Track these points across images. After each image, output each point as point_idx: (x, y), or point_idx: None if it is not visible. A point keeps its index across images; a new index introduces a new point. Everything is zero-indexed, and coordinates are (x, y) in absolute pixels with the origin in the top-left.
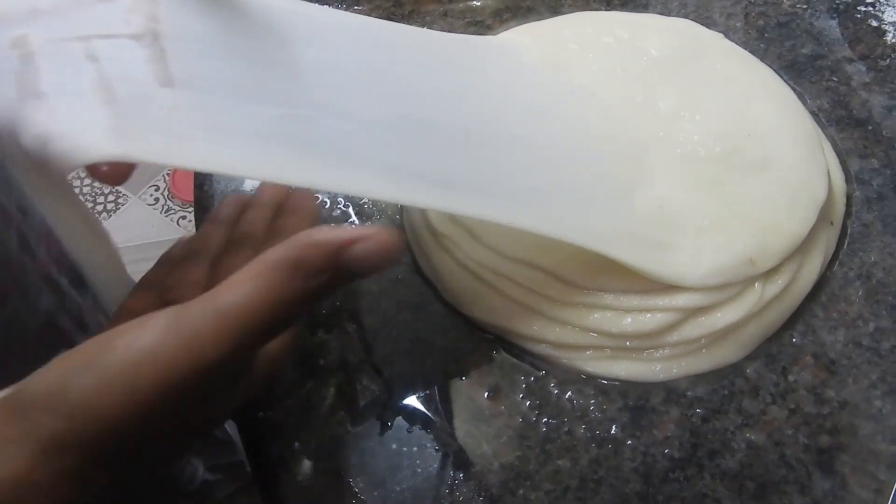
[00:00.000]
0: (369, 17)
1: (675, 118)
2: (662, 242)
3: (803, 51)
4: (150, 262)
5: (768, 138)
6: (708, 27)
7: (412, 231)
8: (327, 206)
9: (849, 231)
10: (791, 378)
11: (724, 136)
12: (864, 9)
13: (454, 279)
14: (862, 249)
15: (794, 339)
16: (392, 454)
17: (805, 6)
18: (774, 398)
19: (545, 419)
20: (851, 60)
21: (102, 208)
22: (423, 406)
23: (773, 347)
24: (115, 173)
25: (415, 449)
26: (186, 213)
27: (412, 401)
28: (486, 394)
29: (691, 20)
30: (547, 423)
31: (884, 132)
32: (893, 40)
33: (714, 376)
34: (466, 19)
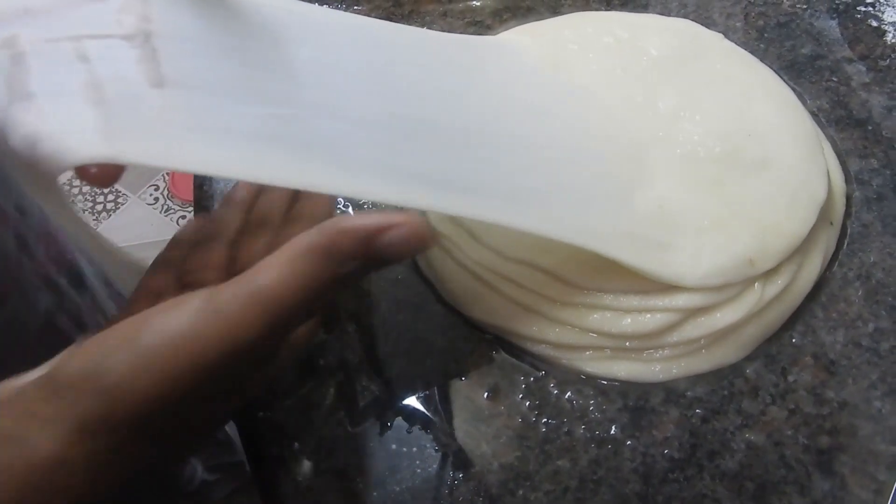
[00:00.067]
0: (367, 17)
1: (675, 118)
2: (662, 242)
3: (803, 51)
4: (149, 262)
5: (768, 138)
6: (708, 27)
7: None
8: None
9: (848, 231)
10: (791, 378)
11: (724, 136)
12: (863, 9)
13: (454, 279)
14: (861, 250)
15: (794, 340)
16: (392, 454)
17: (805, 6)
18: (774, 399)
19: (545, 419)
20: (851, 60)
21: (102, 208)
22: (422, 406)
23: (773, 348)
24: (104, 175)
25: (414, 449)
26: (186, 213)
27: (412, 401)
28: (485, 394)
29: (691, 20)
30: (546, 424)
31: (883, 132)
32: (893, 40)
33: (714, 377)
34: (466, 19)
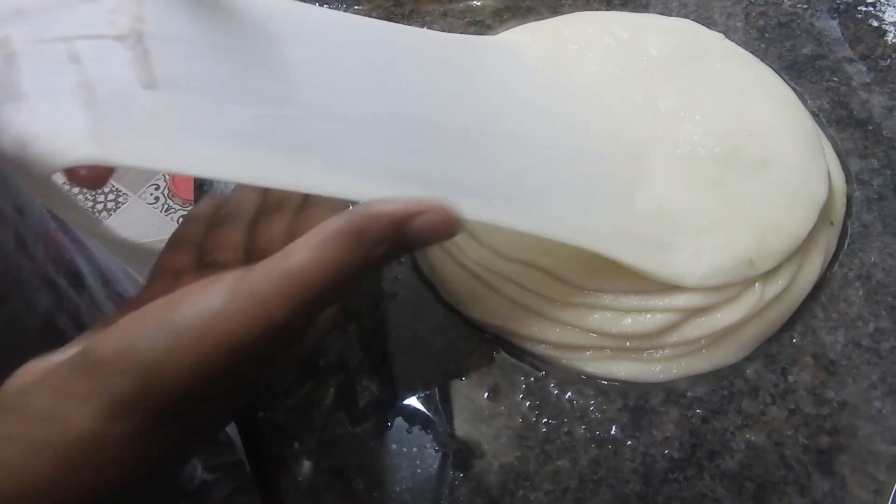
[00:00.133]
0: (366, 17)
1: (675, 118)
2: (662, 242)
3: (804, 51)
4: (149, 262)
5: (768, 138)
6: (708, 27)
7: None
8: None
9: (849, 231)
10: (791, 379)
11: (724, 136)
12: (864, 9)
13: (454, 280)
14: (862, 250)
15: (794, 340)
16: (392, 454)
17: (805, 6)
18: (774, 399)
19: (545, 419)
20: (852, 60)
21: (102, 207)
22: (422, 406)
23: (773, 348)
24: (94, 177)
25: (414, 449)
26: (187, 213)
27: (412, 401)
28: (485, 394)
29: (691, 20)
30: (546, 424)
31: (884, 132)
32: (894, 40)
33: (714, 377)
34: (466, 19)
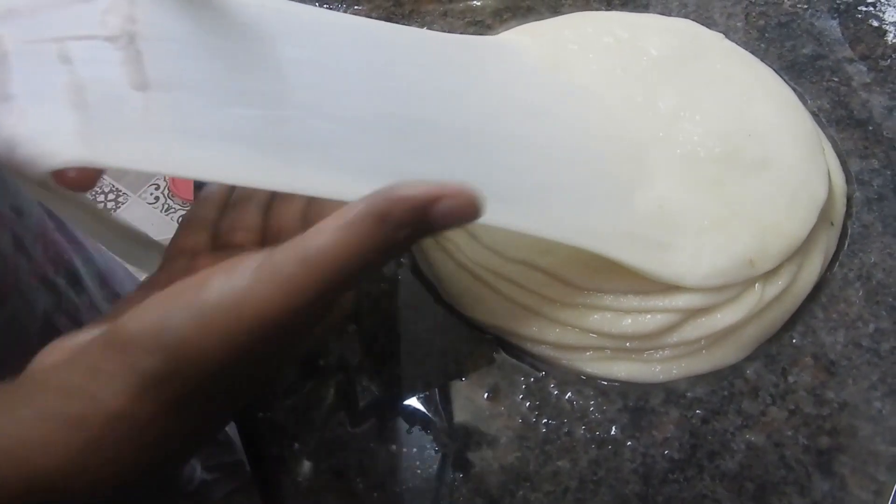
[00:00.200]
0: (365, 17)
1: (676, 118)
2: (662, 242)
3: (804, 51)
4: (153, 257)
5: (768, 138)
6: (708, 27)
7: None
8: None
9: (849, 232)
10: (791, 379)
11: (724, 137)
12: (864, 9)
13: (454, 280)
14: (862, 250)
15: (794, 340)
16: (392, 455)
17: (806, 6)
18: (774, 399)
19: (545, 420)
20: (852, 61)
21: (102, 207)
22: (422, 407)
23: (773, 348)
24: (83, 179)
25: (414, 450)
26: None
27: (412, 401)
28: (485, 395)
29: (691, 20)
30: (546, 424)
31: (884, 133)
32: (894, 40)
33: (714, 377)
34: (466, 19)
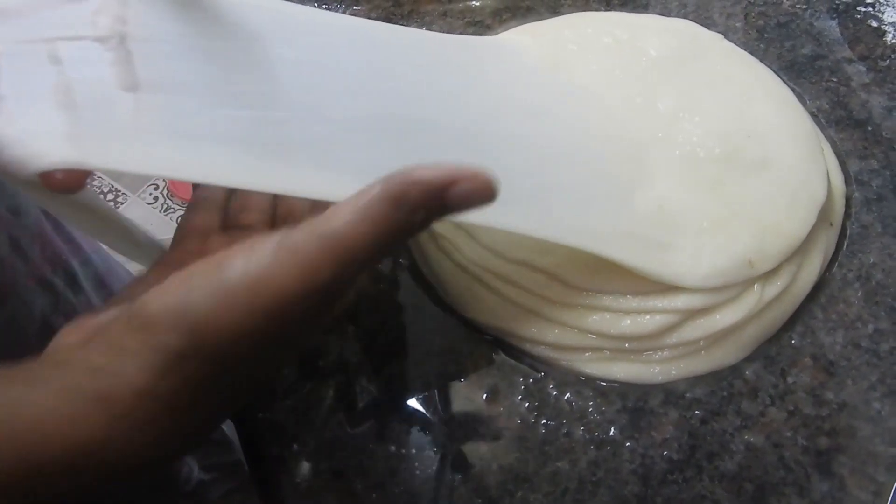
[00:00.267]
0: (363, 18)
1: (675, 118)
2: (662, 243)
3: (803, 51)
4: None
5: (768, 139)
6: (708, 27)
7: None
8: None
9: (848, 232)
10: (790, 380)
11: (723, 137)
12: (863, 9)
13: (453, 281)
14: (861, 251)
15: (793, 341)
16: (391, 456)
17: (805, 6)
18: (773, 400)
19: (544, 421)
20: (851, 61)
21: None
22: (421, 407)
23: (772, 349)
24: (70, 180)
25: (413, 451)
26: None
27: (411, 402)
28: (484, 395)
29: (691, 20)
30: (545, 425)
31: (883, 133)
32: (893, 41)
33: (713, 378)
34: (466, 19)
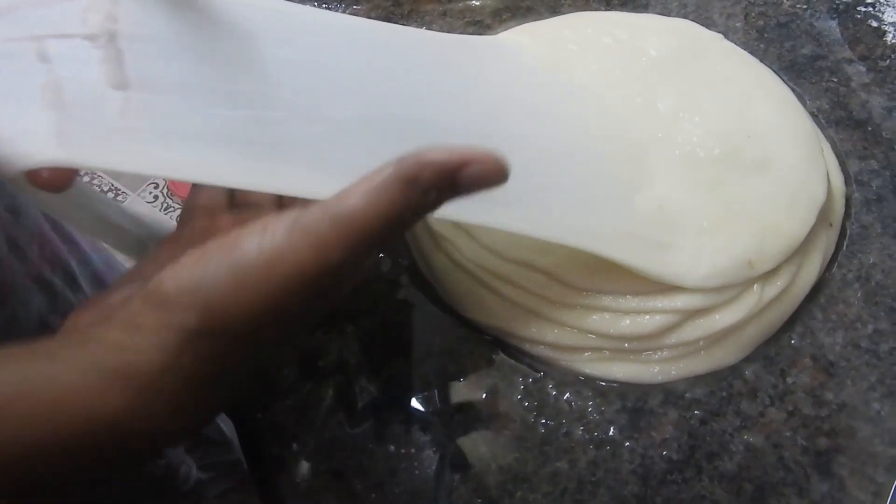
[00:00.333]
0: (363, 17)
1: (675, 119)
2: (662, 243)
3: (803, 51)
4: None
5: (768, 139)
6: (708, 27)
7: (411, 232)
8: None
9: (848, 233)
10: (789, 380)
11: (723, 137)
12: (864, 9)
13: (452, 280)
14: (861, 251)
15: (793, 341)
16: (390, 456)
17: (805, 6)
18: (773, 400)
19: (543, 421)
20: (851, 61)
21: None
22: (421, 407)
23: (772, 349)
24: (56, 179)
25: (413, 450)
26: None
27: (411, 402)
28: (484, 395)
29: (691, 20)
30: (545, 425)
31: (883, 133)
32: (893, 41)
33: (712, 378)
34: (465, 19)
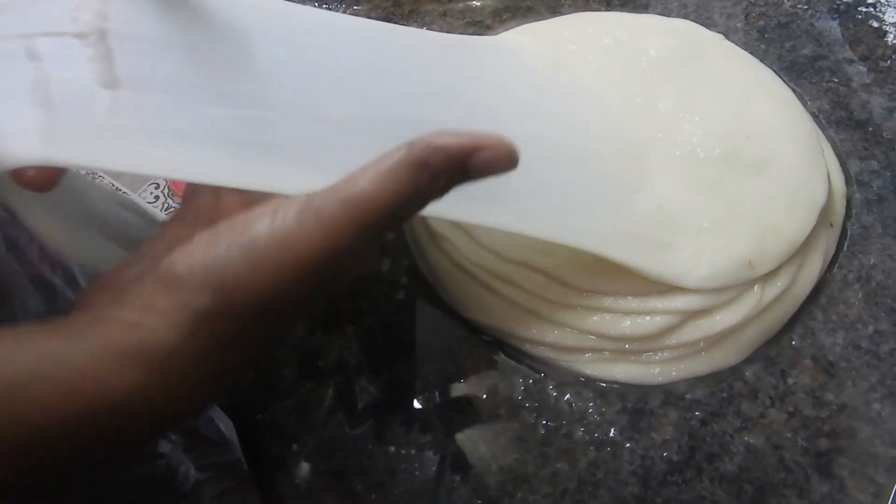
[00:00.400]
0: (363, 17)
1: (675, 119)
2: (662, 243)
3: (804, 52)
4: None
5: (768, 139)
6: (708, 28)
7: (410, 233)
8: None
9: (848, 233)
10: (790, 381)
11: (723, 137)
12: (864, 10)
13: (453, 281)
14: (861, 252)
15: (794, 342)
16: (390, 456)
17: (806, 7)
18: (773, 401)
19: (543, 422)
20: (852, 61)
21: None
22: (421, 408)
23: (772, 350)
24: (42, 177)
25: (413, 451)
26: None
27: (411, 403)
28: (484, 396)
29: (691, 21)
30: (545, 426)
31: (884, 134)
32: (894, 41)
33: (713, 379)
34: (466, 19)
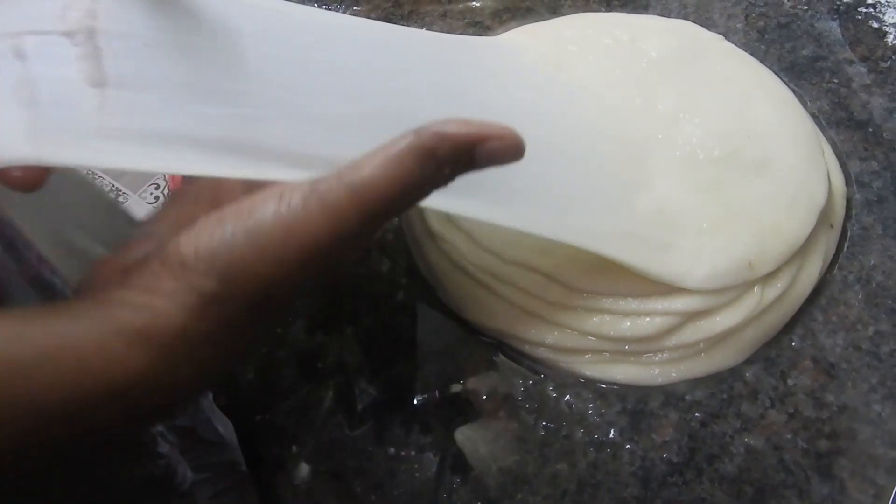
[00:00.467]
0: (362, 17)
1: (675, 119)
2: (662, 243)
3: (804, 52)
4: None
5: (768, 139)
6: (708, 28)
7: (410, 233)
8: None
9: (848, 234)
10: (790, 382)
11: (723, 138)
12: (864, 10)
13: (452, 282)
14: (861, 253)
15: (794, 343)
16: (390, 458)
17: (806, 7)
18: (773, 402)
19: (543, 423)
20: (852, 62)
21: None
22: (420, 409)
23: (773, 351)
24: (29, 177)
25: (413, 452)
26: None
27: (410, 404)
28: (484, 397)
29: (691, 21)
30: (545, 427)
31: (884, 134)
32: (894, 42)
33: (713, 380)
34: (466, 20)
